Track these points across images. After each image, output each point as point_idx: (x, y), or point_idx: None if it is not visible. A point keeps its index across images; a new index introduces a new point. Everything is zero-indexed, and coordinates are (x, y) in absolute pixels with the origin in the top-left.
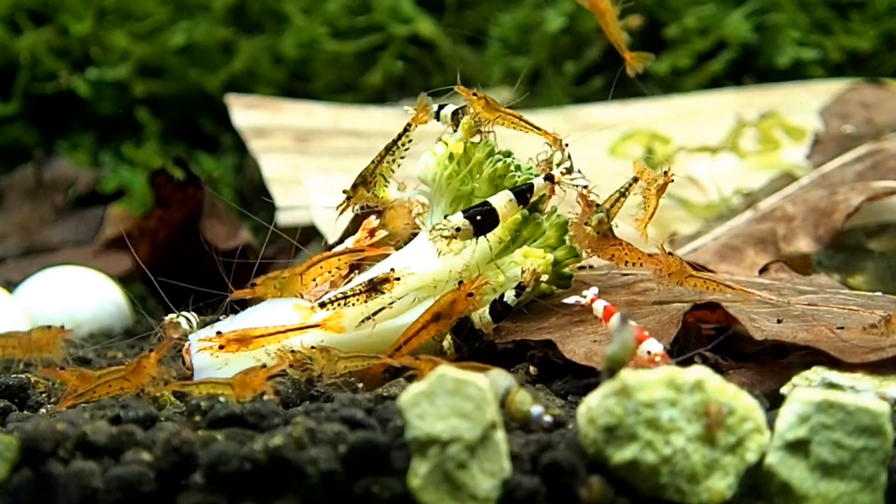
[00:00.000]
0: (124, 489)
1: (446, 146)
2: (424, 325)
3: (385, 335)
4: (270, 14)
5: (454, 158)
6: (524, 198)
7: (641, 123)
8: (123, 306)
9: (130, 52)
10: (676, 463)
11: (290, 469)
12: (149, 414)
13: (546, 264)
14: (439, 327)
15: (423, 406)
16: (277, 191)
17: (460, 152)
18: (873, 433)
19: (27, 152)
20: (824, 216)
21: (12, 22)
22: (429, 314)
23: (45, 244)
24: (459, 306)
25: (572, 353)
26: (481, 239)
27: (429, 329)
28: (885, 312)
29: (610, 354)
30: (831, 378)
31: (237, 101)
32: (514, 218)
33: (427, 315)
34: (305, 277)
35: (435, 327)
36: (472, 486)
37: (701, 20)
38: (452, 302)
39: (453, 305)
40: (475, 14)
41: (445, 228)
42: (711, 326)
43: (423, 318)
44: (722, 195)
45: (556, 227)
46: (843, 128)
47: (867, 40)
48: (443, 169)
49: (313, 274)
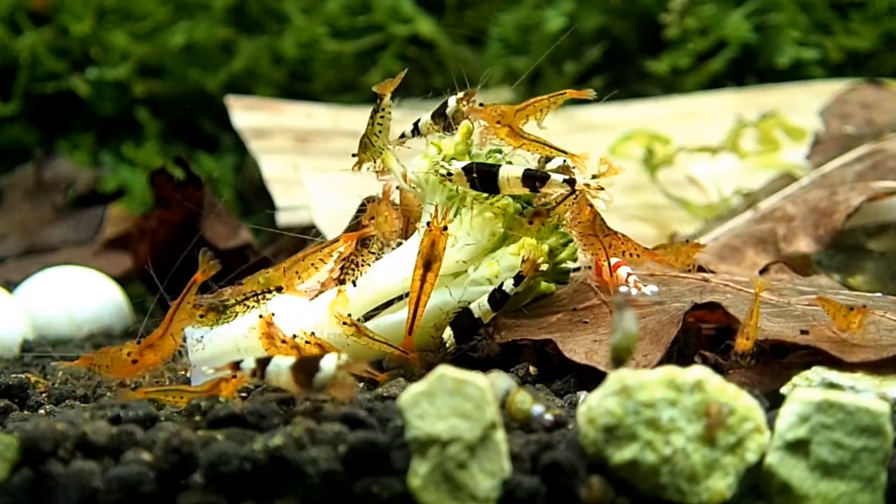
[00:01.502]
0: (124, 489)
1: (438, 149)
2: (421, 279)
3: (388, 330)
4: (270, 14)
5: (446, 160)
6: (532, 182)
7: (641, 123)
8: (123, 306)
9: (130, 52)
10: (676, 463)
11: (290, 469)
12: (149, 414)
13: (542, 253)
14: (435, 273)
15: (423, 406)
16: (277, 191)
17: (452, 154)
18: (873, 433)
19: (27, 152)
20: (824, 216)
21: (12, 22)
22: (419, 267)
23: (45, 244)
24: (441, 243)
25: (572, 352)
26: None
27: (428, 280)
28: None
29: (614, 344)
30: (831, 378)
31: (237, 102)
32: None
33: (418, 269)
34: (289, 273)
35: (432, 276)
36: (472, 486)
37: (701, 20)
38: (432, 244)
39: (435, 247)
40: (475, 14)
41: (445, 168)
42: (711, 326)
43: (416, 273)
44: (722, 195)
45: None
46: (844, 128)
47: (867, 40)
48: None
49: (297, 268)
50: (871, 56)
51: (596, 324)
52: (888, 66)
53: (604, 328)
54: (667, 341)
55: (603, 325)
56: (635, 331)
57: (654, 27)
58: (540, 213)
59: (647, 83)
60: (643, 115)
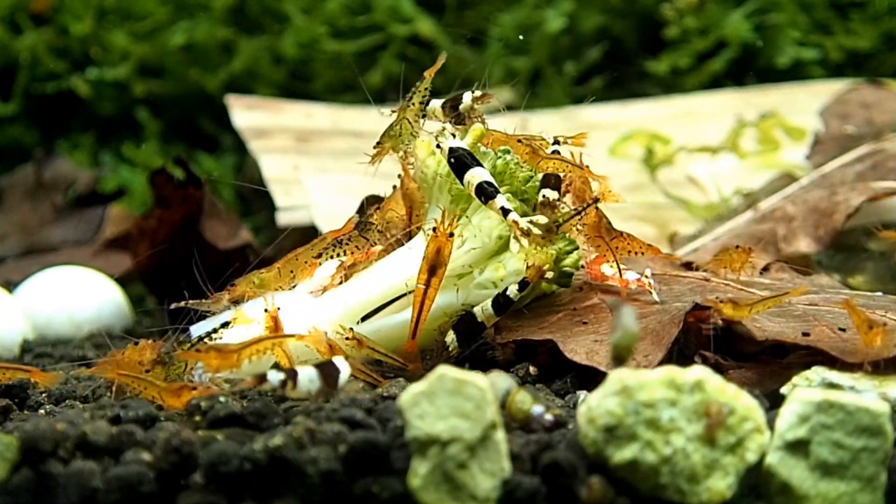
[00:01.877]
0: (124, 489)
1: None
2: (425, 283)
3: (390, 331)
4: (270, 14)
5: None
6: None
7: (641, 123)
8: (123, 306)
9: (130, 52)
10: (676, 463)
11: (290, 469)
12: (149, 414)
13: (548, 258)
14: (439, 278)
15: (423, 406)
16: (277, 191)
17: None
18: (873, 433)
19: (27, 152)
20: (824, 216)
21: (12, 22)
22: (423, 272)
23: (45, 244)
24: (446, 250)
25: (573, 352)
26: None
27: (432, 285)
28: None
29: (615, 343)
30: (831, 378)
31: (237, 101)
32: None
33: (422, 275)
34: (283, 272)
35: (436, 281)
36: (472, 486)
37: (701, 20)
38: (438, 250)
39: (440, 253)
40: (475, 14)
41: (442, 143)
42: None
43: (420, 279)
44: (722, 195)
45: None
46: (845, 128)
47: (867, 40)
48: (441, 169)
49: (290, 267)
50: (871, 56)
51: (596, 324)
52: (888, 66)
53: (604, 328)
54: (667, 341)
55: (603, 324)
56: (636, 329)
57: (654, 27)
58: (549, 229)
59: (647, 83)
60: (643, 114)
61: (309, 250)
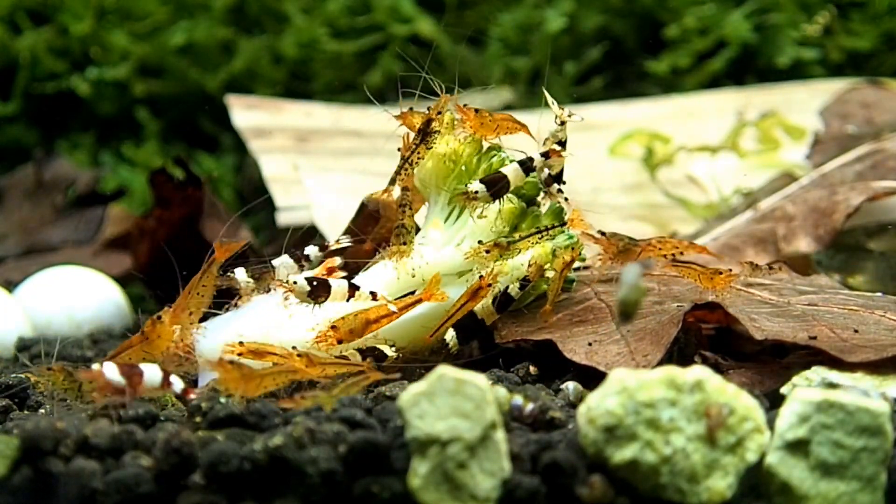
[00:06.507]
0: (123, 489)
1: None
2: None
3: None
4: (270, 14)
5: (445, 158)
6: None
7: (641, 123)
8: (123, 306)
9: (130, 52)
10: (676, 463)
11: (290, 469)
12: (149, 413)
13: (546, 254)
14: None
15: (423, 406)
16: (277, 191)
17: (446, 151)
18: (873, 433)
19: (27, 152)
20: (824, 216)
21: (12, 22)
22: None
23: (45, 244)
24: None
25: (572, 352)
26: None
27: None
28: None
29: (621, 298)
30: (831, 378)
31: (237, 101)
32: (511, 209)
33: (464, 297)
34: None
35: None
36: (472, 486)
37: (701, 20)
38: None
39: (476, 294)
40: (475, 14)
41: (471, 191)
42: (711, 326)
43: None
44: (722, 195)
45: (552, 215)
46: (845, 128)
47: (867, 40)
48: (437, 169)
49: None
50: (871, 56)
51: (595, 323)
52: (888, 66)
53: (603, 328)
54: (667, 341)
55: (602, 324)
56: (642, 285)
57: (654, 27)
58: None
59: (647, 83)
60: (643, 114)
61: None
